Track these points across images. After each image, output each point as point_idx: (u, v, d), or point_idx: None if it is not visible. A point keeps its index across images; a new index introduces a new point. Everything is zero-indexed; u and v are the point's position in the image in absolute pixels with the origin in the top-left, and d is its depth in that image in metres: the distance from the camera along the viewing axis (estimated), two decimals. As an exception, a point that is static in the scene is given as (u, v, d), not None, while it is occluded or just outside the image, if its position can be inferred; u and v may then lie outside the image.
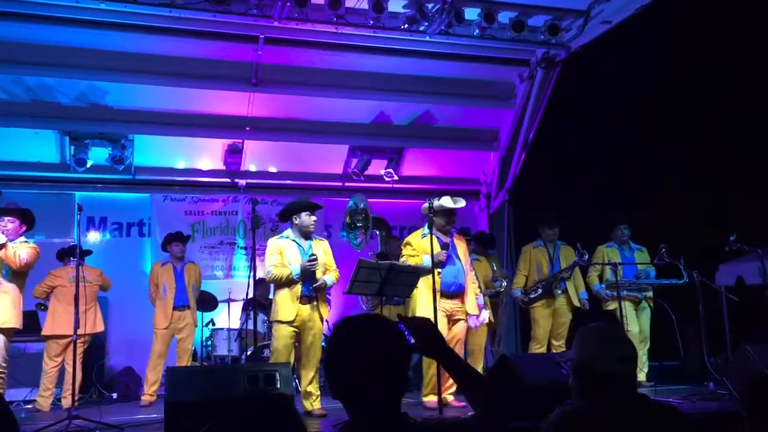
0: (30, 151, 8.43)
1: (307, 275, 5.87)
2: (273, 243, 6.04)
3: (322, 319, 6.09)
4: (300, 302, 5.88)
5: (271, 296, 6.66)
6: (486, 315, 6.63)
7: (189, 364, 7.54)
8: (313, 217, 6.08)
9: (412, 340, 1.93)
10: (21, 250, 5.87)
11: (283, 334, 5.85)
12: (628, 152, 8.94)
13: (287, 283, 5.88)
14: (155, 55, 7.87)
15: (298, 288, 5.89)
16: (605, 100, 8.75)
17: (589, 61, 8.34)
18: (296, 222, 6.05)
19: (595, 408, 2.14)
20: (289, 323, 5.82)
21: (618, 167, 9.08)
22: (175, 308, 7.44)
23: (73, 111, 8.15)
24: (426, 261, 5.91)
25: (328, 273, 6.12)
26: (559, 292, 7.36)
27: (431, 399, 5.89)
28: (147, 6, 6.91)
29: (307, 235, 6.06)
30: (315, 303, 5.98)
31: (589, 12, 7.55)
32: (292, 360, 5.99)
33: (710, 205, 8.66)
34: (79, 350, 6.37)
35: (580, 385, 2.24)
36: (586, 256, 7.23)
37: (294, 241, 6.02)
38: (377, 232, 7.95)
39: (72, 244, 7.33)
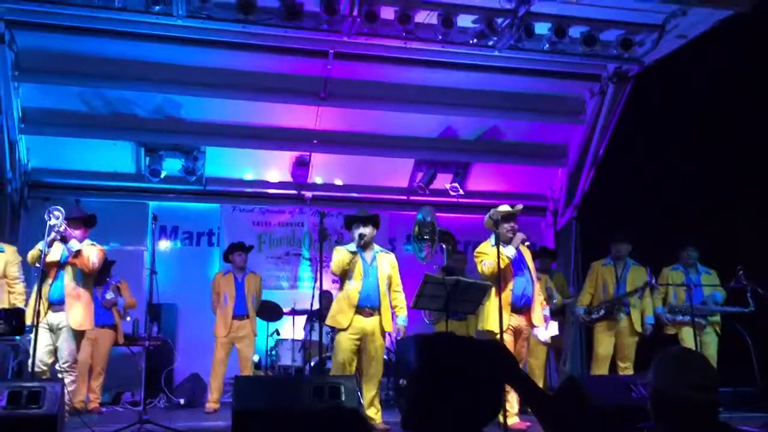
0: (107, 162, 8.74)
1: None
2: (341, 249, 6.10)
3: (384, 334, 6.10)
4: (357, 312, 5.92)
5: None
6: (555, 328, 6.49)
7: (251, 373, 7.65)
8: (363, 230, 6.07)
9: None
10: (92, 254, 6.10)
11: (344, 346, 5.87)
12: (703, 170, 8.64)
13: (346, 291, 5.92)
14: (228, 69, 8.08)
15: (355, 297, 5.93)
16: (679, 116, 8.50)
17: (663, 76, 8.13)
18: (352, 234, 6.14)
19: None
20: (344, 330, 5.84)
21: (692, 185, 8.79)
22: (234, 317, 7.53)
23: (149, 123, 8.43)
24: (506, 250, 5.85)
25: (399, 311, 6.15)
26: (622, 315, 7.13)
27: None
28: (221, 22, 7.11)
29: (363, 246, 6.09)
30: (377, 316, 5.99)
31: (664, 26, 7.38)
32: (353, 371, 5.99)
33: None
34: None
35: (658, 411, 2.17)
36: (654, 280, 7.02)
37: (354, 252, 6.06)
38: (443, 246, 7.90)
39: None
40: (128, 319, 7.96)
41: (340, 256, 5.95)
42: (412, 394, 1.71)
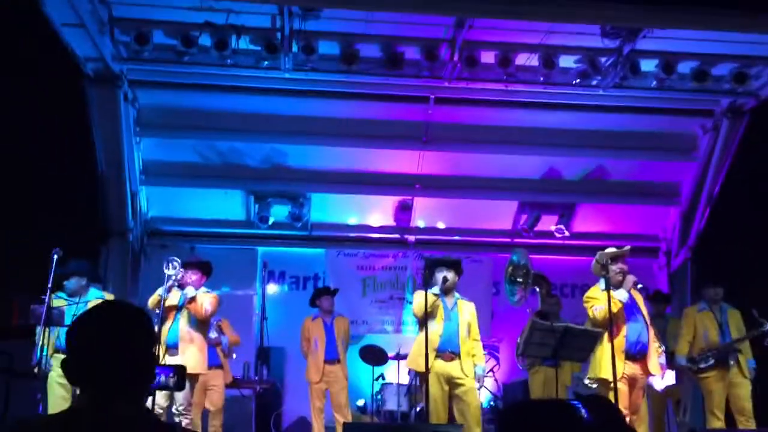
0: (219, 210, 9.11)
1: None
2: (421, 292, 6.01)
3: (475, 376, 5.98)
4: (438, 357, 5.84)
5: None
6: (671, 377, 6.15)
7: (349, 418, 7.60)
8: (447, 273, 6.02)
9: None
10: (205, 301, 6.32)
11: (432, 392, 5.75)
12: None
13: (427, 334, 5.84)
14: (331, 118, 8.34)
15: (436, 341, 5.85)
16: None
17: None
18: (435, 278, 6.09)
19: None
20: (428, 374, 5.70)
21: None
22: (326, 362, 7.54)
23: (258, 172, 8.76)
24: (617, 294, 5.65)
25: (477, 359, 6.04)
26: (733, 362, 6.66)
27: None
28: (326, 73, 7.36)
29: (445, 290, 6.04)
30: (458, 361, 5.90)
31: (781, 58, 7.05)
32: (445, 417, 5.87)
33: None
34: None
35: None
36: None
37: (437, 294, 6.00)
38: (537, 290, 7.70)
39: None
40: (234, 356, 8.05)
41: (422, 298, 5.90)
42: None
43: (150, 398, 5.73)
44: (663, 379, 5.99)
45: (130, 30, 6.76)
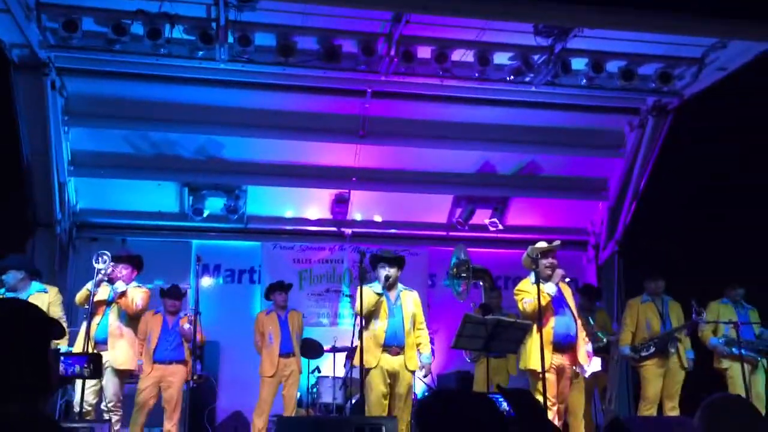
0: (152, 202, 8.92)
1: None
2: (367, 289, 6.05)
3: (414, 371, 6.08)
4: (384, 351, 5.91)
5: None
6: (597, 364, 6.35)
7: (294, 411, 7.62)
8: (389, 270, 6.08)
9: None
10: (136, 296, 6.22)
11: (375, 386, 5.84)
12: (746, 204, 8.48)
13: (372, 331, 5.91)
14: (268, 110, 8.27)
15: (381, 337, 5.93)
16: (721, 149, 8.38)
17: (704, 109, 8.05)
18: (377, 274, 6.16)
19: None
20: (373, 369, 5.80)
21: (734, 220, 8.62)
22: (281, 355, 7.53)
23: (193, 164, 8.61)
24: (546, 287, 5.80)
25: (423, 348, 6.14)
26: (673, 351, 6.99)
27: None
28: (262, 65, 7.30)
29: (388, 286, 6.11)
30: (403, 355, 5.99)
31: (703, 59, 7.36)
32: (386, 411, 5.94)
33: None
34: None
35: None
36: (704, 314, 6.88)
37: (380, 293, 6.06)
38: (480, 283, 7.86)
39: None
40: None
41: (366, 297, 5.94)
42: None
43: (79, 394, 5.61)
44: (589, 366, 6.18)
45: (58, 16, 6.54)
